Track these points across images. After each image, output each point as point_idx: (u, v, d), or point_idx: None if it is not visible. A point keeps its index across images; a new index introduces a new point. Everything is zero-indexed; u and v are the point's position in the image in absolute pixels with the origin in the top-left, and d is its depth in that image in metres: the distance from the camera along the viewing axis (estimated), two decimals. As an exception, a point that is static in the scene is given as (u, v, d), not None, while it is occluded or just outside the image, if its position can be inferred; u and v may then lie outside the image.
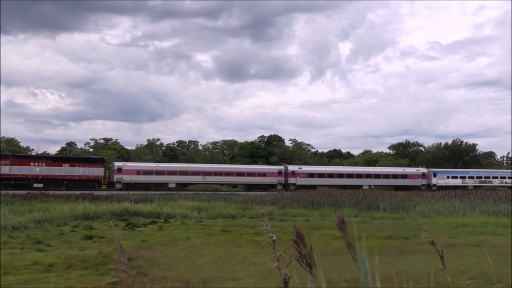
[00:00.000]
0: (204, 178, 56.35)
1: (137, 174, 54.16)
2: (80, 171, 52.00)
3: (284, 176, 59.08)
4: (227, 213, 25.40)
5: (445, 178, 64.63)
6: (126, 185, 53.02)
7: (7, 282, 9.19)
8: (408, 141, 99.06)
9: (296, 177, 58.93)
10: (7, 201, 27.40)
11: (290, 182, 58.64)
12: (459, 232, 17.61)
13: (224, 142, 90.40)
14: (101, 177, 53.25)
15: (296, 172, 59.51)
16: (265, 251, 12.97)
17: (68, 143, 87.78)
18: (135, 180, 53.72)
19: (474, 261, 10.80)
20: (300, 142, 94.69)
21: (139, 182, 53.88)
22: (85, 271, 10.35)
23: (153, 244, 14.06)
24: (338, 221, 1.58)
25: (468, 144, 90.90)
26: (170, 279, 9.10)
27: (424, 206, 26.49)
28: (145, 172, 54.87)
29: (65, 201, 28.42)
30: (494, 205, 24.97)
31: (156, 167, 56.82)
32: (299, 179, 58.75)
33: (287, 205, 29.81)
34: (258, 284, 8.66)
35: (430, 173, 64.75)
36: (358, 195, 32.56)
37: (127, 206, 25.35)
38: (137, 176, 54.06)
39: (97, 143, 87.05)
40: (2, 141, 76.23)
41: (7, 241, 14.90)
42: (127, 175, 53.77)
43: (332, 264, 10.68)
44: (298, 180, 58.72)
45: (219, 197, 34.75)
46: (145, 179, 54.44)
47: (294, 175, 59.12)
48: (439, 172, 65.93)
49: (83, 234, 16.83)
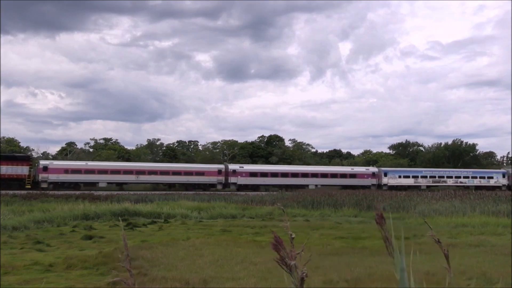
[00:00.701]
0: (138, 177, 54.52)
1: (65, 173, 52.27)
2: (3, 170, 49.31)
3: (224, 175, 57.20)
4: (227, 213, 25.40)
5: (397, 178, 63.43)
6: (52, 185, 51.05)
7: (7, 282, 9.19)
8: (408, 141, 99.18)
9: (237, 176, 57.22)
10: (7, 201, 27.42)
11: (231, 182, 56.92)
12: (459, 232, 17.61)
13: (224, 142, 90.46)
14: (26, 176, 50.61)
15: (237, 171, 57.81)
16: (265, 251, 12.97)
17: (68, 143, 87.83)
18: (62, 179, 51.86)
19: (474, 261, 10.80)
20: (300, 142, 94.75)
21: (67, 182, 52.06)
22: (85, 271, 10.35)
23: (153, 244, 14.05)
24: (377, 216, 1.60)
25: (468, 144, 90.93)
26: (170, 279, 9.10)
27: (424, 206, 26.49)
28: (73, 171, 52.95)
29: (65, 201, 28.43)
30: (494, 205, 24.96)
31: (85, 165, 54.53)
32: (240, 178, 57.09)
33: (287, 205, 29.80)
34: (258, 284, 8.65)
35: (381, 172, 63.67)
36: (358, 195, 32.58)
37: (127, 206, 25.35)
38: (65, 175, 52.18)
39: (97, 143, 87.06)
40: (2, 141, 76.21)
41: (7, 241, 14.90)
42: (53, 174, 51.82)
43: (332, 264, 10.68)
44: (239, 179, 57.09)
45: (219, 197, 34.82)
46: (74, 178, 52.63)
47: (235, 174, 57.38)
48: (390, 171, 64.84)
49: (83, 234, 16.83)
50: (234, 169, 58.22)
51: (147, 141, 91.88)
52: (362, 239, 15.87)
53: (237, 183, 56.84)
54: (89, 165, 55.10)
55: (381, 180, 62.55)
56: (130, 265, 1.54)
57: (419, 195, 32.89)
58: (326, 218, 24.67)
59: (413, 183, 62.77)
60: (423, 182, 63.58)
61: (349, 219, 24.29)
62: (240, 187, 56.02)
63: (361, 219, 24.29)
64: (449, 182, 64.51)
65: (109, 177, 53.90)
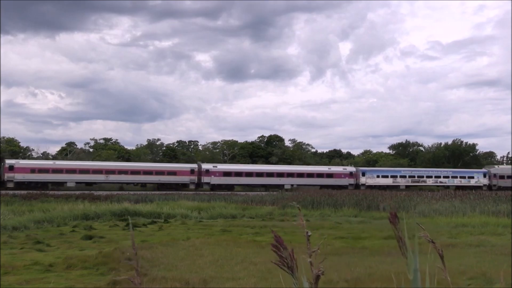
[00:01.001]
0: (107, 176, 53.65)
1: (32, 173, 51.69)
2: None
3: (197, 175, 56.45)
4: (227, 213, 25.40)
5: (375, 177, 62.80)
6: (19, 184, 50.32)
7: (7, 282, 9.19)
8: (408, 141, 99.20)
9: (210, 176, 56.32)
10: (7, 201, 27.42)
11: (204, 181, 56.13)
12: (459, 232, 17.61)
13: (224, 142, 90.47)
14: None
15: (210, 170, 56.83)
16: (265, 251, 12.97)
17: (68, 143, 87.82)
18: (29, 179, 51.19)
19: (474, 261, 10.80)
20: (300, 142, 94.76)
21: (33, 181, 51.37)
22: (85, 271, 10.35)
23: (153, 244, 14.05)
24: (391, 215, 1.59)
25: (468, 144, 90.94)
26: (170, 279, 9.10)
27: (424, 206, 26.49)
28: (40, 170, 52.30)
29: (65, 201, 28.43)
30: (494, 205, 24.96)
31: (53, 164, 53.70)
32: (213, 178, 56.25)
33: (287, 205, 29.79)
34: (258, 284, 8.65)
35: (359, 172, 63.02)
36: (358, 195, 32.58)
37: (127, 206, 25.36)
38: (32, 174, 51.58)
39: (97, 143, 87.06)
40: (2, 141, 76.20)
41: (7, 241, 14.90)
42: (20, 174, 51.20)
43: (332, 264, 10.68)
44: (212, 179, 56.22)
45: (219, 197, 34.84)
46: (41, 177, 51.96)
47: (209, 174, 56.47)
48: (368, 171, 64.31)
49: (83, 234, 16.82)
50: (208, 168, 57.12)
51: (147, 141, 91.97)
52: (362, 239, 15.87)
53: (211, 183, 55.91)
54: (57, 164, 54.08)
55: (359, 179, 61.90)
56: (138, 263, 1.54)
57: (419, 195, 32.90)
58: (326, 218, 24.67)
59: (392, 183, 62.22)
60: (402, 182, 63.03)
61: (349, 219, 24.29)
62: (214, 187, 55.05)
63: (361, 219, 24.29)
64: (428, 182, 64.09)
65: (78, 177, 53.01)
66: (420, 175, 64.99)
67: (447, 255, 1.90)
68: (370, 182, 61.63)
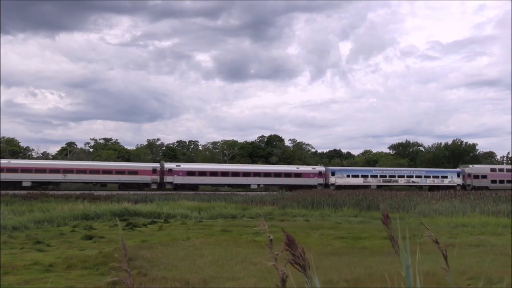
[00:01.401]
0: (65, 176, 52.37)
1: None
2: None
3: (159, 174, 55.20)
4: (227, 213, 25.40)
5: (345, 177, 61.15)
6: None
7: (7, 282, 9.19)
8: (408, 141, 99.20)
9: (173, 175, 54.84)
10: (7, 201, 27.41)
11: (167, 181, 54.75)
12: (459, 232, 17.60)
13: (224, 142, 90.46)
14: None
15: (173, 169, 55.38)
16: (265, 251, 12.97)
17: (68, 143, 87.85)
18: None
19: (474, 261, 10.80)
20: (300, 142, 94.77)
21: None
22: (85, 271, 10.34)
23: (153, 244, 14.05)
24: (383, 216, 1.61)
25: (468, 144, 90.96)
26: (170, 279, 9.10)
27: (424, 206, 26.49)
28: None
29: (65, 201, 28.44)
30: (494, 205, 24.96)
31: (7, 164, 51.63)
32: (177, 177, 54.80)
33: (287, 205, 29.82)
34: (258, 284, 8.65)
35: (328, 171, 61.53)
36: (358, 195, 32.59)
37: (127, 206, 25.36)
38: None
39: (97, 143, 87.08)
40: (2, 141, 76.22)
41: (7, 241, 14.90)
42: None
43: (332, 264, 10.68)
44: (175, 178, 54.72)
45: (219, 197, 34.86)
46: None
47: (171, 173, 55.02)
48: (337, 170, 62.96)
49: (83, 234, 16.82)
50: (170, 167, 55.80)
51: (147, 141, 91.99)
52: (362, 239, 15.87)
53: (174, 182, 54.67)
54: (12, 163, 52.69)
55: (328, 179, 60.51)
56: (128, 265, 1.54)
57: (419, 195, 32.90)
58: (326, 218, 24.66)
59: (362, 182, 60.77)
60: (373, 181, 61.48)
61: (349, 219, 24.29)
62: (177, 186, 53.80)
63: (361, 219, 24.29)
64: (400, 181, 62.83)
65: (34, 176, 51.67)
66: (391, 174, 63.46)
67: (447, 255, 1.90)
68: (340, 182, 60.14)
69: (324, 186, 59.25)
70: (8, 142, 76.60)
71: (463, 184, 63.81)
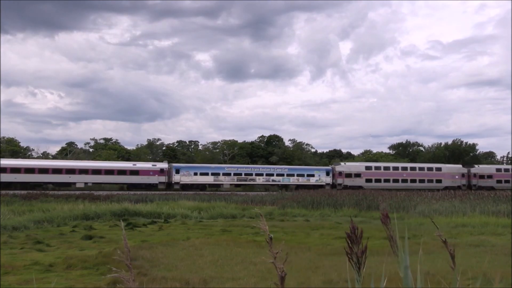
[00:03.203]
0: None
1: None
2: None
3: None
4: (227, 213, 25.40)
5: (191, 175, 56.07)
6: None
7: (7, 282, 9.19)
8: (409, 141, 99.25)
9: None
10: (7, 201, 27.41)
11: None
12: (459, 232, 17.61)
13: (224, 142, 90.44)
14: None
15: None
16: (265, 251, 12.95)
17: (68, 143, 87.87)
18: None
19: (474, 261, 10.80)
20: (300, 142, 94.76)
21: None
22: (85, 271, 10.35)
23: (153, 244, 14.05)
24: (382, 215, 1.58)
25: (468, 144, 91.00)
26: (170, 279, 9.10)
27: (424, 206, 26.49)
28: None
29: (65, 201, 28.44)
30: (494, 205, 24.97)
31: None
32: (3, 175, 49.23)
33: (287, 205, 29.82)
34: (258, 284, 8.65)
35: (172, 168, 56.12)
36: (358, 195, 32.60)
37: (127, 206, 25.36)
38: None
39: (97, 143, 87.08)
40: (2, 141, 76.24)
41: (7, 241, 14.90)
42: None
43: (332, 264, 10.68)
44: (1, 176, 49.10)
45: (219, 197, 34.85)
46: None
47: None
48: (183, 167, 57.42)
49: (83, 234, 16.82)
50: None
51: (147, 141, 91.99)
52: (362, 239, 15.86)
53: None
54: None
55: (172, 177, 55.40)
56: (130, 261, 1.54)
57: (419, 195, 32.90)
58: (326, 218, 24.67)
59: (213, 181, 56.61)
60: (225, 180, 57.05)
61: (349, 219, 24.27)
62: None
63: (361, 219, 24.27)
64: (259, 180, 58.49)
65: None
66: (248, 172, 58.49)
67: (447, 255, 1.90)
68: (186, 180, 55.57)
69: (167, 186, 54.78)
70: (8, 142, 76.61)
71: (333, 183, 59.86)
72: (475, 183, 64.13)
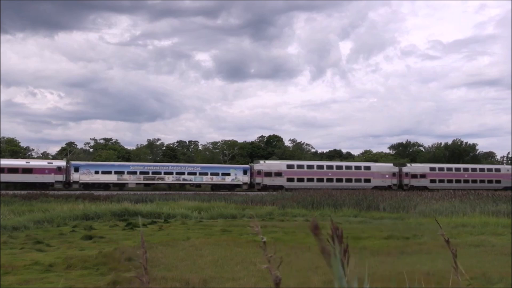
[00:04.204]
0: None
1: None
2: None
3: None
4: (227, 213, 25.38)
5: (93, 174, 53.05)
6: None
7: (7, 282, 9.18)
8: (409, 141, 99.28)
9: None
10: (7, 201, 27.41)
11: None
12: (459, 232, 17.60)
13: (224, 142, 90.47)
14: None
15: None
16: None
17: (68, 143, 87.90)
18: None
19: (474, 261, 10.80)
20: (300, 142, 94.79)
21: None
22: (85, 271, 10.34)
23: (153, 244, 14.04)
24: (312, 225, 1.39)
25: (468, 144, 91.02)
26: (170, 279, 9.10)
27: (424, 206, 26.50)
28: None
29: (65, 201, 28.43)
30: (494, 205, 24.98)
31: None
32: None
33: (287, 205, 29.81)
34: (258, 284, 8.65)
35: (70, 166, 52.92)
36: (358, 195, 32.60)
37: (127, 206, 25.34)
38: None
39: (97, 143, 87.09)
40: (2, 141, 76.24)
41: (7, 241, 14.89)
42: None
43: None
44: None
45: (219, 197, 34.85)
46: None
47: None
48: (83, 165, 54.26)
49: (83, 234, 16.81)
50: None
51: (147, 141, 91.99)
52: (362, 239, 15.86)
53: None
54: None
55: (70, 176, 52.26)
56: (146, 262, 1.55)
57: (419, 195, 32.91)
58: (326, 218, 24.65)
59: (117, 180, 53.97)
60: (131, 179, 54.47)
61: (349, 219, 24.27)
62: None
63: (361, 219, 24.28)
64: (168, 179, 56.11)
65: None
66: (156, 171, 56.04)
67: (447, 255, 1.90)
68: (86, 180, 52.36)
69: (64, 185, 51.85)
70: (8, 142, 76.61)
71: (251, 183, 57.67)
72: (407, 183, 61.78)
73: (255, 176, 57.50)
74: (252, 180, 57.63)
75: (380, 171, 62.51)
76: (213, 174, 56.99)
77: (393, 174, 62.64)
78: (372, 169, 62.59)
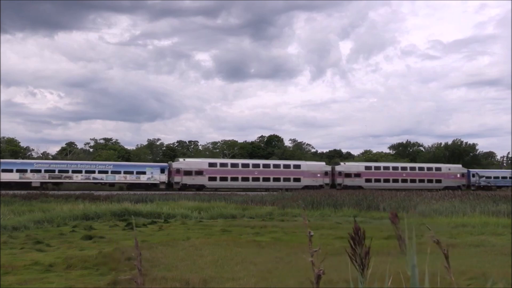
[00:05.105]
0: None
1: None
2: None
3: None
4: (227, 213, 25.39)
5: None
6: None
7: (7, 282, 9.18)
8: (409, 141, 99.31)
9: None
10: (7, 201, 27.41)
11: None
12: (459, 232, 17.60)
13: (224, 142, 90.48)
14: None
15: None
16: (265, 251, 12.97)
17: (68, 143, 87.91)
18: None
19: (474, 261, 10.80)
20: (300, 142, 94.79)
21: None
22: (85, 271, 10.34)
23: (153, 244, 14.04)
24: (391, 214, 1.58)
25: (468, 144, 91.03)
26: (170, 279, 9.09)
27: (424, 206, 26.50)
28: None
29: (65, 201, 28.43)
30: (494, 205, 24.98)
31: None
32: None
33: (287, 205, 29.81)
34: (258, 284, 8.65)
35: None
36: (358, 195, 32.61)
37: (127, 206, 25.35)
38: None
39: (97, 143, 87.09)
40: (2, 141, 76.23)
41: (7, 241, 14.89)
42: None
43: (332, 264, 10.67)
44: None
45: (219, 197, 34.85)
46: None
47: None
48: None
49: (83, 234, 16.81)
50: None
51: (147, 141, 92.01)
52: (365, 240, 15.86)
53: None
54: None
55: None
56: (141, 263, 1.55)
57: (419, 195, 32.91)
58: (326, 218, 24.66)
59: (19, 178, 50.46)
60: (34, 177, 51.11)
61: (349, 219, 24.27)
62: None
63: (361, 219, 24.26)
64: (76, 178, 52.85)
65: None
66: (62, 169, 52.66)
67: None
68: None
69: None
70: (8, 142, 76.60)
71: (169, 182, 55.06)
72: (340, 182, 60.36)
73: (173, 175, 54.96)
74: (171, 179, 55.30)
75: (311, 170, 60.38)
76: (126, 172, 54.37)
77: (325, 173, 60.78)
78: (302, 168, 60.57)
